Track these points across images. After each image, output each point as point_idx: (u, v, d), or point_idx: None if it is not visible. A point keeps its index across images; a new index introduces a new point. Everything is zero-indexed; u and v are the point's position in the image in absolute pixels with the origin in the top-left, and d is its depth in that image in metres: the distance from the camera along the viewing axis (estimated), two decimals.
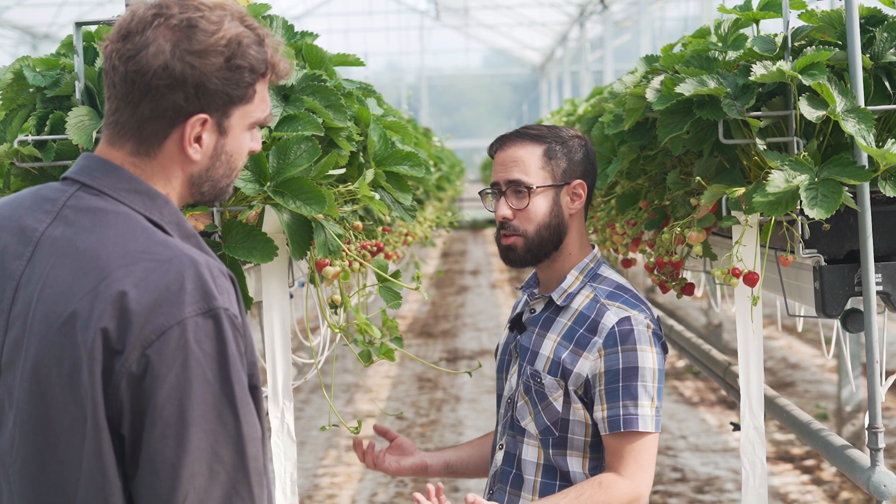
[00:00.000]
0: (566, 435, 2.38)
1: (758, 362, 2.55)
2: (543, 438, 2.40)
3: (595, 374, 2.34)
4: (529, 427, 2.42)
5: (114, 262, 1.52)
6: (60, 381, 1.50)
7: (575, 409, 2.37)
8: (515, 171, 2.43)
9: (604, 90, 4.64)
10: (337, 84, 2.59)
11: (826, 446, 2.74)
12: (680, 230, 2.68)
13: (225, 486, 1.51)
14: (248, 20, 1.63)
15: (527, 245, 2.42)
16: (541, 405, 2.40)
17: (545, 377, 2.39)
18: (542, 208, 2.42)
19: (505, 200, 2.44)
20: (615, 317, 2.36)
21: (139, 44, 1.57)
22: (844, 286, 2.47)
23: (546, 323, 2.45)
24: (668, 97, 2.55)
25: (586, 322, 2.39)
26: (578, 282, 2.45)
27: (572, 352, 2.37)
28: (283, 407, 2.50)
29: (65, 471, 1.51)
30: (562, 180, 2.43)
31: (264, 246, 2.30)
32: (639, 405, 2.32)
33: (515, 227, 2.43)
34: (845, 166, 2.34)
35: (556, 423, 2.38)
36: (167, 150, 1.62)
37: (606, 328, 2.35)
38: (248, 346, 1.58)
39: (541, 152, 2.44)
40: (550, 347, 2.41)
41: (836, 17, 2.52)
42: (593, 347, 2.35)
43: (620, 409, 2.32)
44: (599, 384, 2.34)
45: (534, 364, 2.42)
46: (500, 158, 2.48)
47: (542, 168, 2.43)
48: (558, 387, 2.38)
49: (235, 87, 1.61)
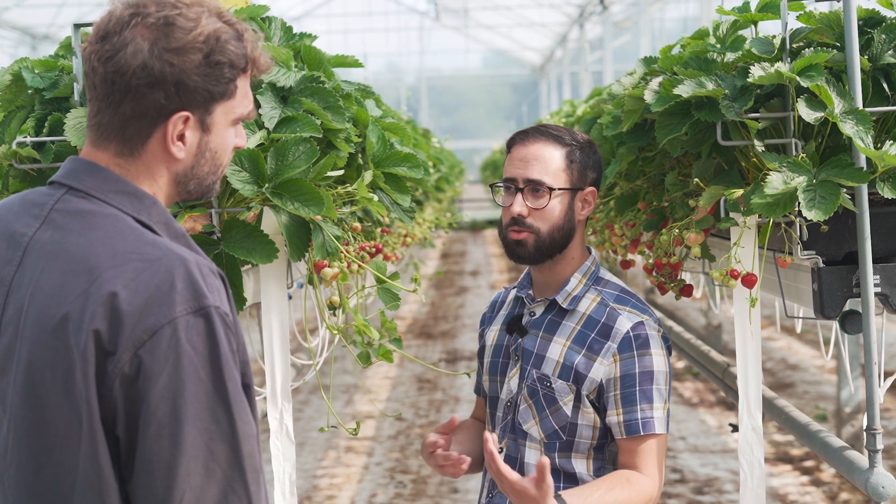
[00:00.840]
0: (573, 439, 2.40)
1: (756, 363, 2.55)
2: (549, 442, 2.40)
3: (609, 379, 2.37)
4: (533, 431, 2.42)
5: (103, 263, 1.52)
6: (54, 384, 1.50)
7: (584, 412, 2.38)
8: (537, 170, 2.42)
9: (603, 91, 4.64)
10: (335, 85, 2.59)
11: (825, 447, 2.74)
12: (678, 231, 2.68)
13: (221, 483, 1.51)
14: (225, 16, 1.63)
15: (538, 243, 2.42)
16: (549, 409, 2.40)
17: (555, 381, 2.39)
18: (558, 210, 2.42)
19: (521, 197, 2.42)
20: (629, 322, 2.38)
21: (117, 44, 1.57)
22: (843, 288, 2.47)
23: (551, 326, 2.45)
24: (666, 99, 2.55)
25: (597, 326, 2.40)
26: (582, 285, 2.46)
27: (585, 357, 2.38)
28: (282, 408, 2.50)
29: (61, 474, 1.51)
30: (578, 185, 2.44)
31: (264, 247, 2.30)
32: (654, 408, 2.36)
33: (529, 225, 2.42)
34: (843, 168, 2.34)
35: (564, 427, 2.39)
36: (151, 149, 1.61)
37: (621, 333, 2.37)
38: (240, 345, 1.58)
39: (562, 154, 2.43)
40: (560, 351, 2.41)
41: (835, 18, 2.52)
42: (608, 352, 2.37)
43: (638, 412, 2.35)
44: (615, 389, 2.36)
45: (541, 368, 2.42)
46: (521, 154, 2.45)
47: (563, 170, 2.42)
48: (569, 391, 2.38)
49: (216, 83, 1.60)
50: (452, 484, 6.48)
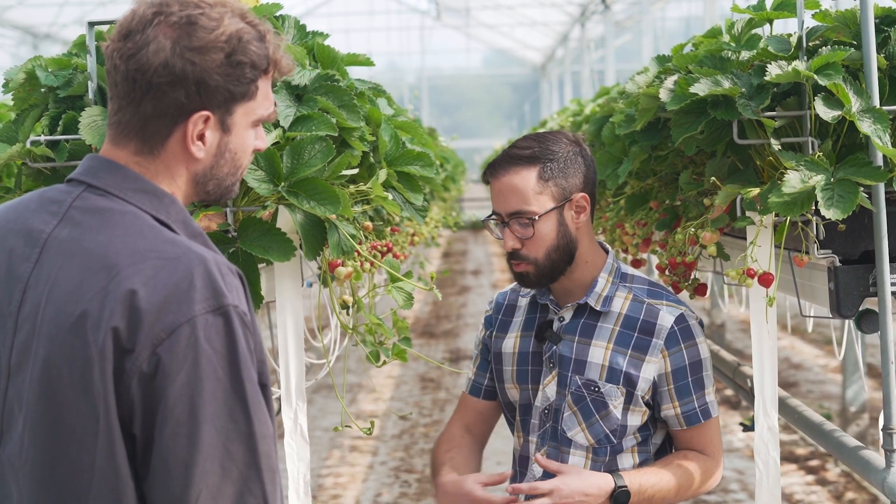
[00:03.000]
0: (622, 440, 2.41)
1: (772, 363, 2.54)
2: (599, 448, 2.40)
3: (661, 374, 2.40)
4: (578, 438, 2.41)
5: (123, 260, 1.52)
6: (72, 381, 1.50)
7: (634, 413, 2.40)
8: (514, 202, 2.37)
9: (611, 90, 4.64)
10: (349, 84, 2.59)
11: (839, 447, 2.73)
12: (693, 230, 2.67)
13: (237, 483, 1.51)
14: (248, 16, 1.63)
15: (538, 271, 2.41)
16: (598, 414, 2.39)
17: (603, 385, 2.38)
18: (549, 232, 2.38)
19: (510, 231, 2.40)
20: (671, 316, 2.41)
21: (140, 42, 1.57)
22: (859, 287, 2.46)
23: (586, 330, 2.43)
24: (682, 97, 2.54)
25: (637, 324, 2.41)
26: (610, 284, 2.45)
27: (633, 357, 2.39)
28: (297, 407, 2.49)
29: (76, 471, 1.50)
30: (562, 199, 2.39)
31: (281, 244, 2.29)
32: (706, 394, 2.44)
33: (525, 256, 2.40)
34: (861, 166, 2.33)
35: (615, 430, 2.40)
36: (171, 148, 1.61)
37: (665, 328, 2.40)
38: (258, 344, 1.57)
39: (535, 176, 2.37)
40: (603, 355, 2.40)
41: (851, 16, 2.51)
42: (655, 349, 2.39)
43: (695, 402, 2.42)
44: (668, 384, 2.40)
45: (584, 373, 2.40)
46: (496, 188, 2.41)
47: (541, 193, 2.37)
48: (619, 394, 2.39)
49: (237, 83, 1.60)
50: None
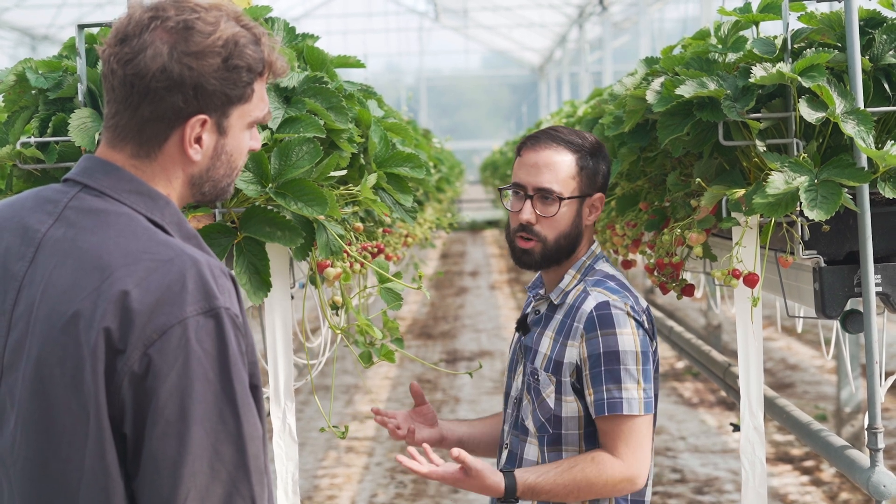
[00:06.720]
0: (560, 431, 2.40)
1: (758, 363, 2.56)
2: (540, 436, 2.43)
3: (581, 359, 2.36)
4: (529, 425, 2.45)
5: (116, 261, 1.53)
6: (63, 380, 1.51)
7: (566, 402, 2.39)
8: (548, 178, 2.41)
9: (603, 92, 4.65)
10: (338, 86, 2.60)
11: (826, 447, 2.74)
12: (680, 231, 2.69)
13: (226, 484, 1.52)
14: (244, 20, 1.64)
15: (544, 251, 2.43)
16: (536, 401, 2.43)
17: (541, 374, 2.42)
18: (567, 218, 2.42)
19: (530, 205, 2.42)
20: (594, 301, 2.37)
21: (136, 47, 1.58)
22: (844, 287, 2.48)
23: (545, 321, 2.48)
24: (668, 99, 2.56)
25: (572, 312, 2.41)
26: (575, 280, 2.47)
27: (561, 343, 2.40)
28: (285, 408, 2.50)
29: (67, 470, 1.52)
30: (587, 192, 2.44)
31: (286, 229, 2.33)
32: (623, 388, 2.32)
33: (537, 233, 2.42)
34: (845, 168, 2.35)
35: (549, 419, 2.41)
36: (168, 151, 1.62)
37: (585, 313, 2.37)
38: (249, 346, 1.59)
39: (573, 161, 2.42)
40: (547, 344, 2.44)
41: (836, 19, 2.53)
42: (576, 334, 2.38)
43: (604, 392, 2.33)
44: (585, 369, 2.36)
45: (534, 362, 2.45)
46: (531, 160, 2.43)
47: (573, 178, 2.42)
48: (550, 382, 2.40)
49: (233, 86, 1.62)
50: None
